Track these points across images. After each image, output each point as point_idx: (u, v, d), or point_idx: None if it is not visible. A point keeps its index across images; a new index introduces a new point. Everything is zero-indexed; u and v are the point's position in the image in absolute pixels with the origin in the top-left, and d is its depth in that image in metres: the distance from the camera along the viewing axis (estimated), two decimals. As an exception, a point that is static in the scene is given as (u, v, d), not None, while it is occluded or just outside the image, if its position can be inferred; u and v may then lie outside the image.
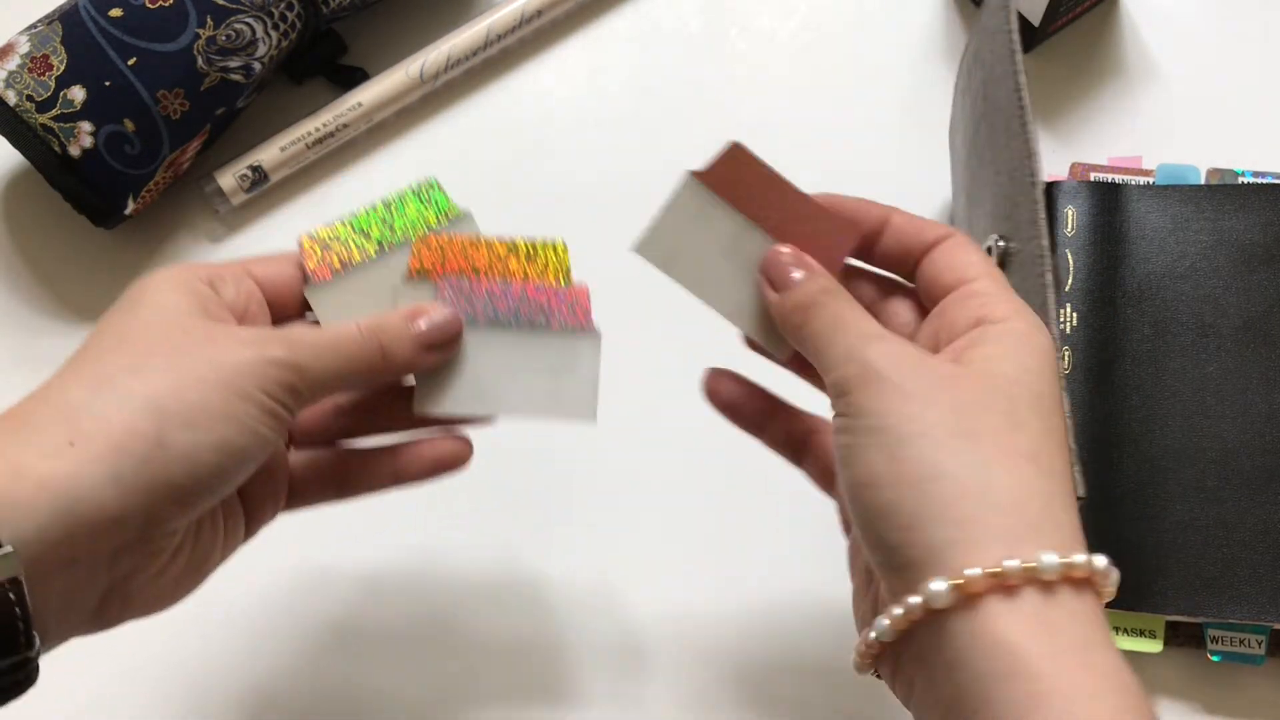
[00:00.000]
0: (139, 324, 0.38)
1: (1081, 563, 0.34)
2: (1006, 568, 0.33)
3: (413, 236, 0.44)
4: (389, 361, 0.41)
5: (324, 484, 0.44)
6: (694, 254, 0.42)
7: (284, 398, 0.37)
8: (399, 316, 0.42)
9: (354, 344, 0.40)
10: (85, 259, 0.60)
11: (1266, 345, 0.54)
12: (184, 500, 0.36)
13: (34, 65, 0.55)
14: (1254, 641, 0.52)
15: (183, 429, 0.35)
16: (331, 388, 0.40)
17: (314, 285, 0.43)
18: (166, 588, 0.38)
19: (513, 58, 0.65)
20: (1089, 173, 0.60)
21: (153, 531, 0.36)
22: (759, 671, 0.54)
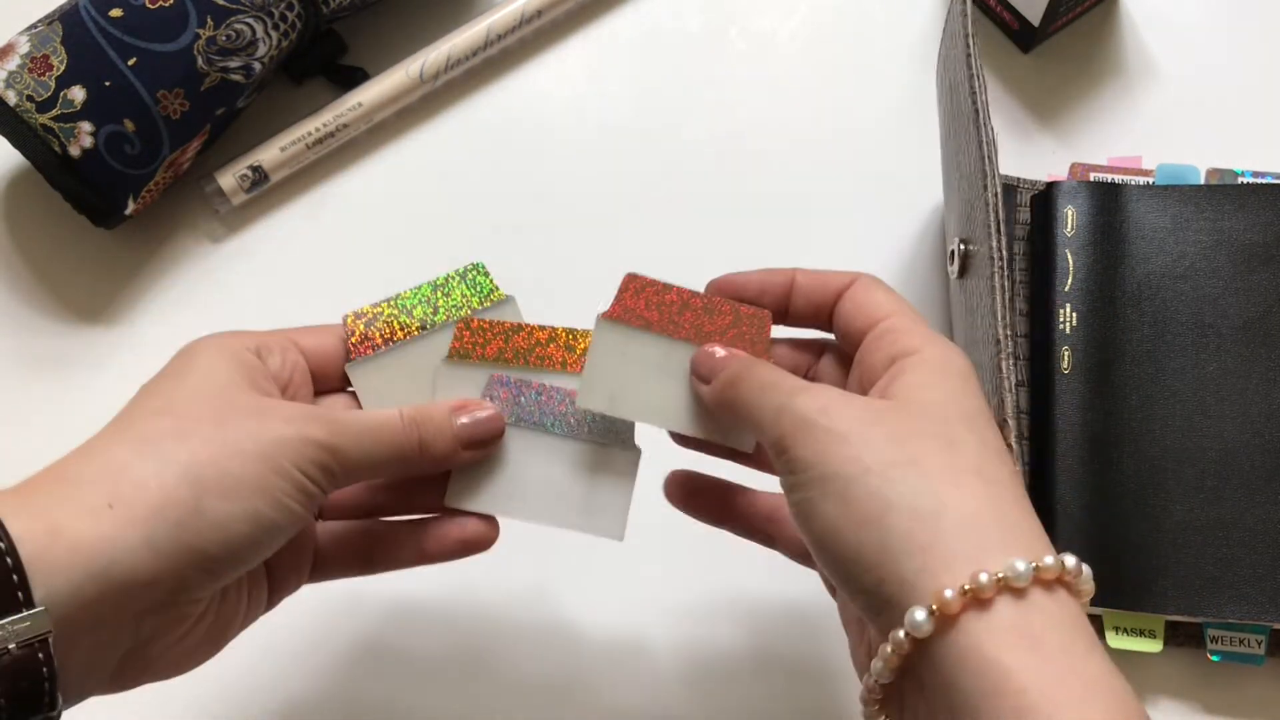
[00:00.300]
0: (186, 390, 0.38)
1: (1050, 564, 0.34)
2: (979, 582, 0.33)
3: (455, 316, 0.45)
4: (426, 453, 0.41)
5: (350, 558, 0.44)
6: (632, 386, 0.43)
7: (318, 477, 0.38)
8: (443, 409, 0.42)
9: (394, 432, 0.40)
10: (85, 259, 0.60)
11: (1266, 345, 0.54)
12: (214, 569, 0.36)
13: (34, 65, 0.55)
14: (1254, 641, 0.52)
15: (219, 499, 0.36)
16: (366, 473, 0.40)
17: (355, 362, 0.44)
18: (186, 653, 0.38)
19: (513, 58, 0.65)
20: (1089, 173, 0.60)
21: (180, 597, 0.36)
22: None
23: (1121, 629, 0.52)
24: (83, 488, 0.35)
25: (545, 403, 0.44)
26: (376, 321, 0.44)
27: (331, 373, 0.44)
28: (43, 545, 0.33)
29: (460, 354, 0.44)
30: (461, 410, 0.42)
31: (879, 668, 0.35)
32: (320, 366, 0.44)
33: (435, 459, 0.42)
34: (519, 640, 0.54)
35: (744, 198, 0.62)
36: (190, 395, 0.38)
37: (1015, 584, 0.33)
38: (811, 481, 0.36)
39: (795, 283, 0.43)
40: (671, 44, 0.65)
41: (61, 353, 0.59)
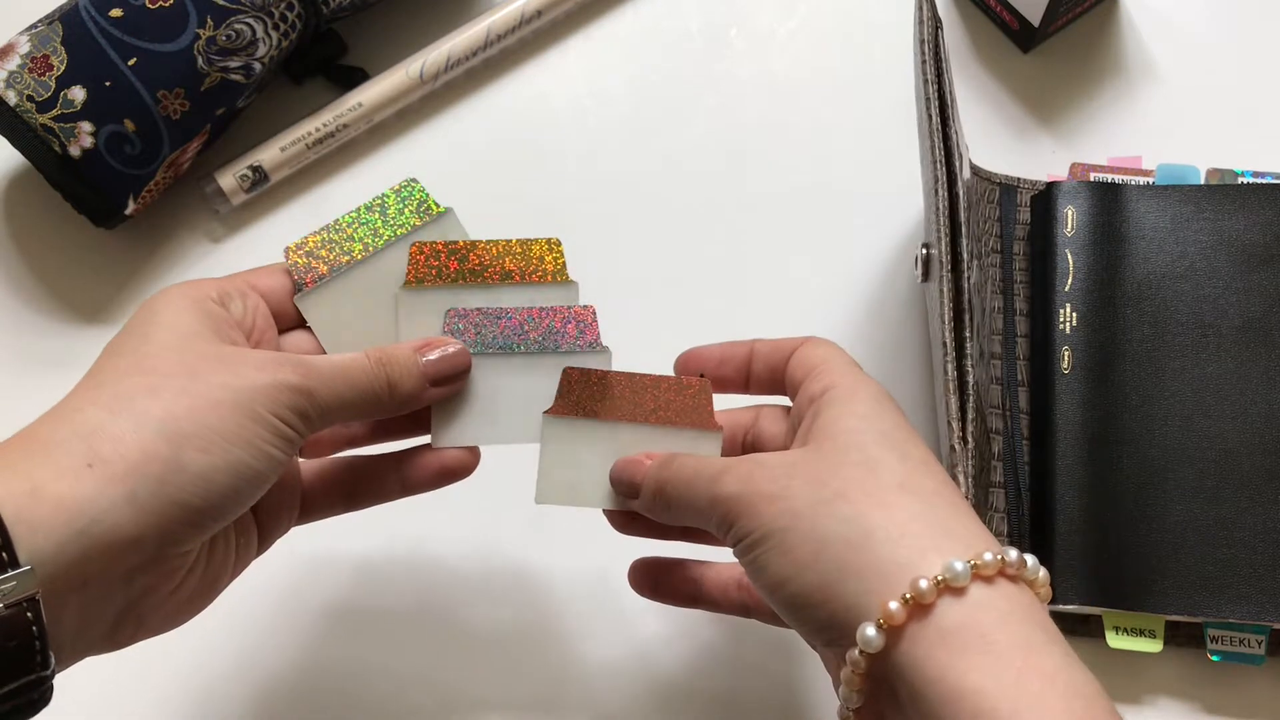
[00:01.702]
0: (154, 345, 0.38)
1: (990, 559, 0.34)
2: (920, 589, 0.34)
3: (396, 235, 0.45)
4: (395, 393, 0.41)
5: (334, 496, 0.45)
6: (587, 474, 0.44)
7: (295, 422, 0.38)
8: (407, 349, 0.42)
9: (363, 374, 0.41)
10: (85, 259, 0.60)
11: (1266, 345, 0.54)
12: (198, 521, 0.36)
13: (34, 65, 0.55)
14: (1254, 641, 0.52)
15: (199, 451, 0.36)
16: (340, 415, 0.40)
17: (304, 293, 0.44)
18: (180, 606, 0.39)
19: (513, 58, 0.65)
20: (1089, 173, 0.60)
21: (167, 552, 0.36)
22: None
23: (1121, 629, 0.52)
24: (59, 449, 0.35)
25: (509, 325, 0.44)
26: (319, 250, 0.44)
27: (290, 310, 0.44)
28: (24, 506, 0.33)
29: (418, 279, 0.44)
30: (427, 348, 0.43)
31: (845, 692, 0.36)
32: (279, 305, 0.44)
33: (404, 398, 0.42)
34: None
35: (743, 197, 0.62)
36: (159, 350, 0.38)
37: (955, 584, 0.34)
38: (755, 544, 0.37)
39: (755, 351, 0.45)
40: (671, 44, 0.65)
41: (61, 353, 0.59)
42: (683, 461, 0.41)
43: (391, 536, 0.53)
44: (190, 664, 0.53)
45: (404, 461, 0.44)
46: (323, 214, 0.62)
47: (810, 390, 0.41)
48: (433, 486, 0.45)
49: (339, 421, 0.41)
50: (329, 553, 0.55)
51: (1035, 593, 0.36)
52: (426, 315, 0.44)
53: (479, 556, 0.55)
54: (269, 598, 0.54)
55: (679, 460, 0.42)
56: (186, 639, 0.41)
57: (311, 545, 0.47)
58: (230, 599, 0.42)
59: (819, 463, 0.38)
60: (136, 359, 0.38)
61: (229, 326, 0.40)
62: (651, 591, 0.47)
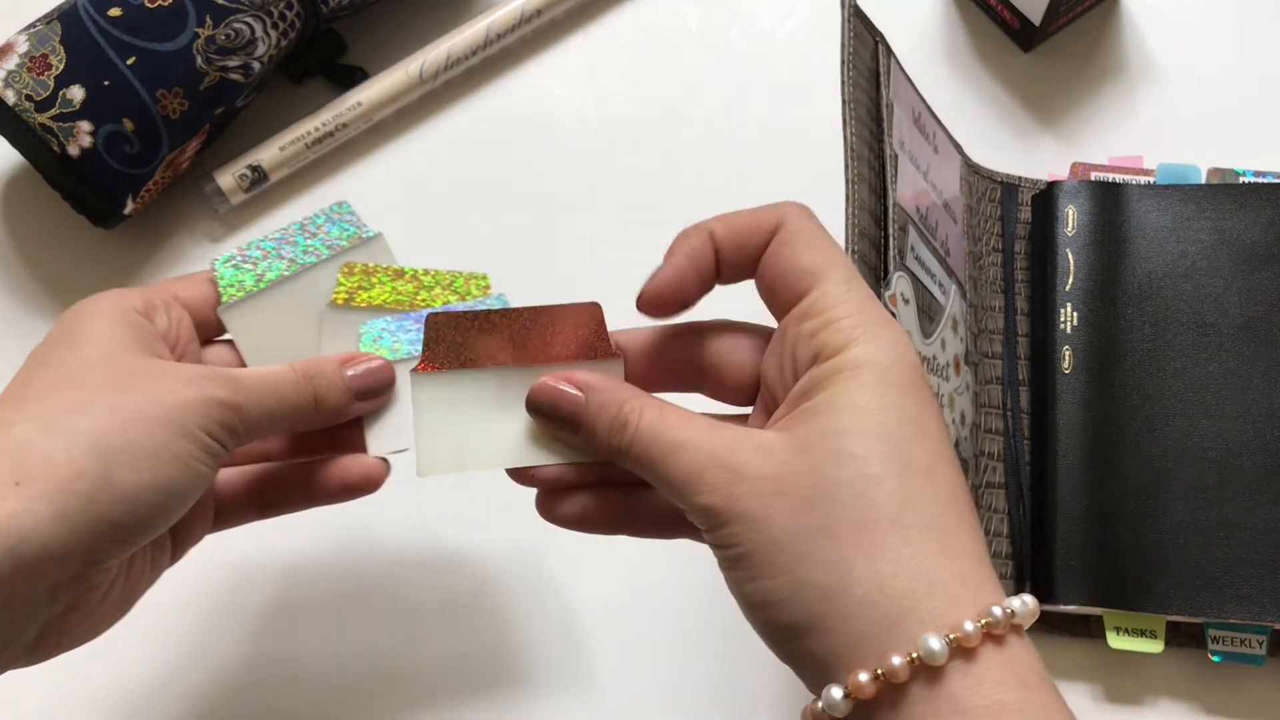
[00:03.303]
0: (81, 361, 0.37)
1: (971, 631, 0.32)
2: (891, 666, 0.31)
3: (325, 255, 0.45)
4: (321, 407, 0.41)
5: (245, 505, 0.44)
6: (475, 434, 0.40)
7: (223, 437, 0.38)
8: (333, 363, 0.42)
9: (290, 388, 0.40)
10: (85, 259, 0.60)
11: (1266, 345, 0.54)
12: (126, 538, 0.36)
13: (33, 65, 0.55)
14: (1254, 641, 0.51)
15: (128, 469, 0.35)
16: (266, 430, 0.40)
17: (228, 305, 0.44)
18: (101, 618, 0.38)
19: (513, 58, 0.65)
20: (1089, 172, 0.59)
21: (93, 569, 0.36)
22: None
23: (1122, 629, 0.52)
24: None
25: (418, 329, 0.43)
26: (245, 265, 0.44)
27: (212, 322, 0.43)
28: None
29: (345, 299, 0.44)
30: (351, 362, 0.42)
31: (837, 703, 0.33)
32: (201, 316, 0.43)
33: (330, 412, 0.41)
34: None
35: (743, 197, 0.62)
36: (86, 364, 0.37)
37: (932, 662, 0.31)
38: (732, 560, 0.34)
39: (717, 240, 0.39)
40: (671, 43, 0.65)
41: (60, 353, 0.59)
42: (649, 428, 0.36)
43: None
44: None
45: (312, 472, 0.43)
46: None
47: (811, 339, 0.36)
48: (341, 499, 0.43)
49: (264, 435, 0.41)
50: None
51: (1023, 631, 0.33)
52: (350, 335, 0.44)
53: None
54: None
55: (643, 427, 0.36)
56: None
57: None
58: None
59: (807, 476, 0.34)
60: (64, 373, 0.37)
61: (154, 339, 0.40)
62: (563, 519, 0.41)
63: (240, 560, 0.54)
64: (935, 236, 0.53)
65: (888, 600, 0.32)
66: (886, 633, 0.32)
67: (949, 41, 0.65)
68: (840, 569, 0.33)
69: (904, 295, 0.49)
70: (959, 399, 0.53)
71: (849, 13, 0.51)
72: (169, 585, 0.43)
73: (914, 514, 0.33)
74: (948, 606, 0.32)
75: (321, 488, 0.43)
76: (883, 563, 0.33)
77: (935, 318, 0.52)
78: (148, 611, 0.42)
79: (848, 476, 0.33)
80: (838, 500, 0.33)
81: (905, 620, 0.32)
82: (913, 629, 0.32)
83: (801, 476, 0.34)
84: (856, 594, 0.32)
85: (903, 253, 0.50)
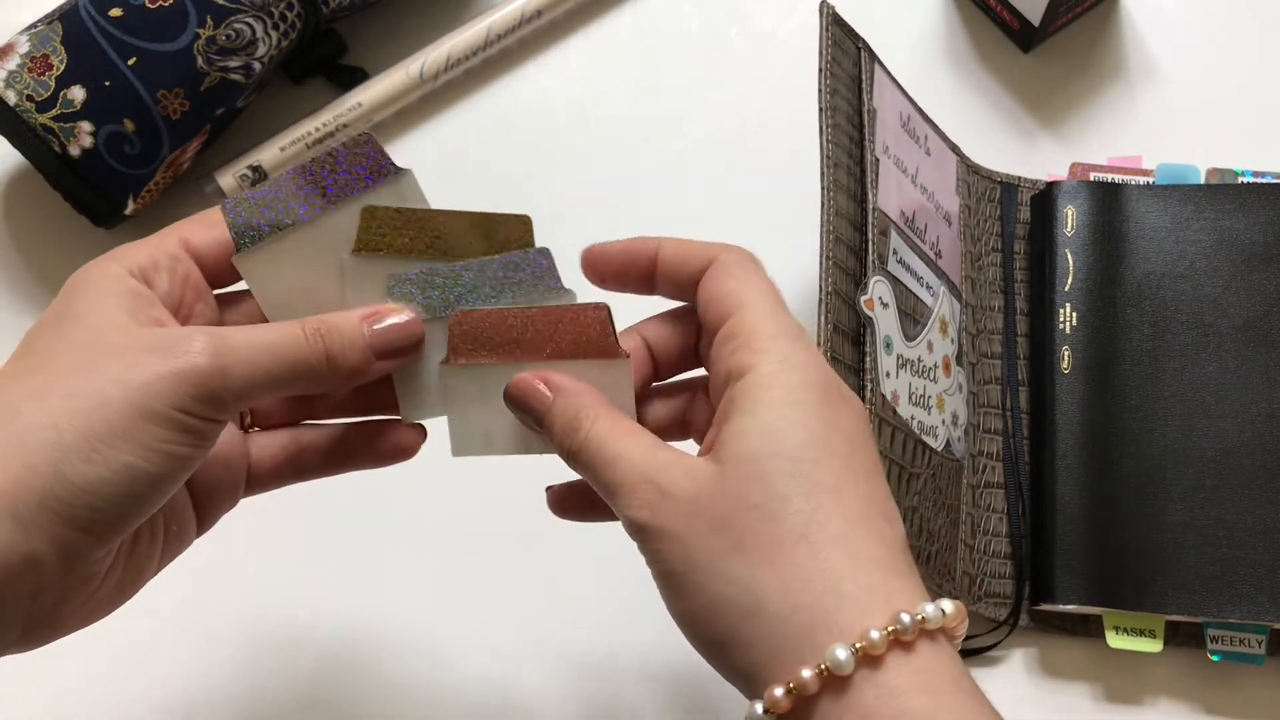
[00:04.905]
0: (63, 340, 0.35)
1: (877, 639, 0.32)
2: (802, 679, 0.32)
3: (347, 194, 0.41)
4: (335, 368, 0.37)
5: (280, 470, 0.42)
6: (502, 423, 0.41)
7: (204, 410, 0.35)
8: (351, 319, 0.38)
9: (294, 347, 0.37)
10: (86, 259, 0.59)
11: (1266, 345, 0.54)
12: (97, 531, 0.34)
13: (34, 65, 0.55)
14: (1254, 641, 0.52)
15: (82, 460, 0.33)
16: (266, 393, 0.37)
17: (245, 253, 0.40)
18: (101, 604, 0.37)
19: (513, 58, 0.65)
20: (1089, 172, 0.60)
21: (73, 565, 0.34)
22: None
23: (1121, 629, 0.52)
24: None
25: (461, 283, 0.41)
26: (259, 203, 0.40)
27: (228, 270, 0.40)
28: None
29: (368, 246, 0.40)
30: (374, 317, 0.39)
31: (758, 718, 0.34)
32: (215, 264, 0.39)
33: (347, 373, 0.38)
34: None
35: (743, 197, 0.62)
36: (64, 345, 0.35)
37: (840, 672, 0.32)
38: (659, 576, 0.36)
39: (660, 257, 0.40)
40: (671, 43, 0.65)
41: (61, 353, 0.59)
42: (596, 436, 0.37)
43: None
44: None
45: (347, 438, 0.42)
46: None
47: (727, 359, 0.37)
48: (376, 465, 0.42)
49: (268, 398, 0.38)
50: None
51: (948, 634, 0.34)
52: (376, 285, 0.40)
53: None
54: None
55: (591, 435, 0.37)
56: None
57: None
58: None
59: (722, 498, 0.34)
60: (41, 357, 0.35)
61: (150, 305, 0.37)
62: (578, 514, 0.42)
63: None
64: (924, 239, 0.54)
65: (798, 614, 0.33)
66: (798, 646, 0.33)
67: (949, 42, 0.65)
68: (752, 586, 0.33)
69: (882, 299, 0.49)
70: (949, 400, 0.53)
71: (827, 21, 0.51)
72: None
73: (820, 530, 0.34)
74: (856, 617, 0.33)
75: (357, 454, 0.42)
76: (791, 579, 0.33)
77: (921, 320, 0.52)
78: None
79: (757, 498, 0.34)
80: (748, 521, 0.34)
81: (815, 633, 0.33)
82: (821, 641, 0.33)
83: (717, 499, 0.35)
84: (769, 610, 0.33)
85: (883, 257, 0.50)
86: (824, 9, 0.51)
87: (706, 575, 0.34)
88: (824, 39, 0.50)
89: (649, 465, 0.36)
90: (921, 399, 0.51)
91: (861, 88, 0.52)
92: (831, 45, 0.51)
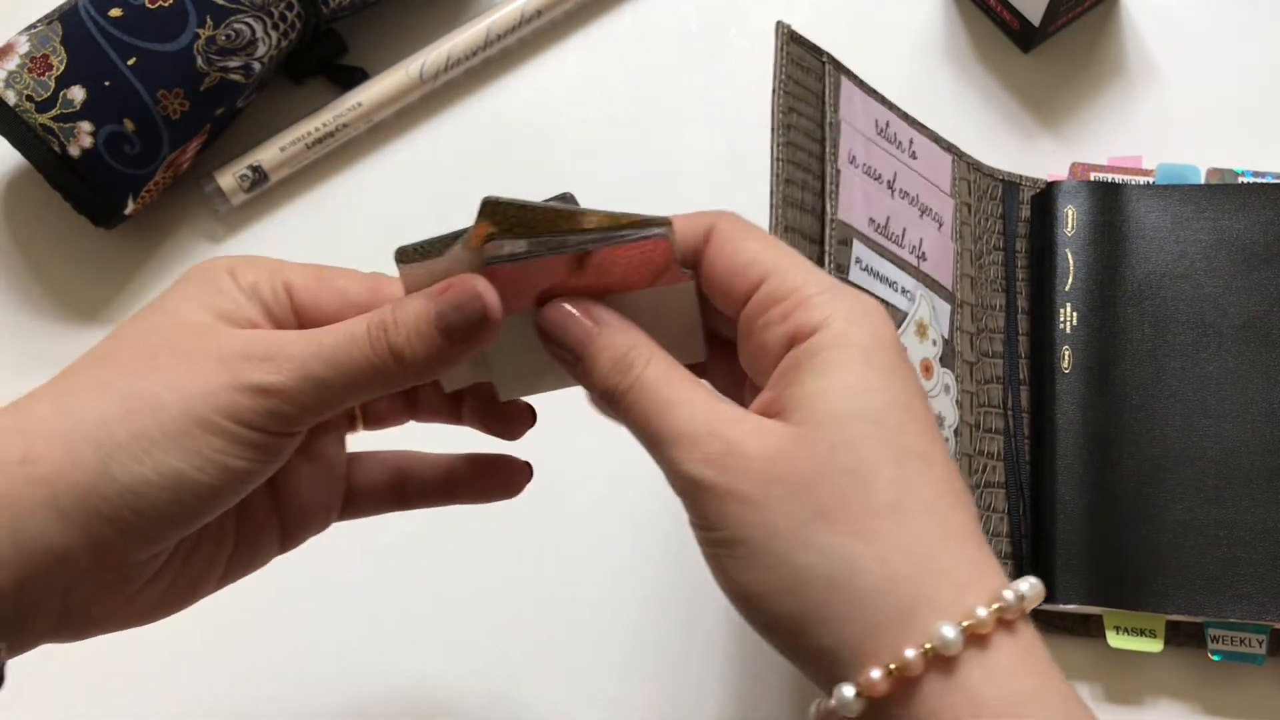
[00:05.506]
0: (138, 334, 0.34)
1: (984, 616, 0.30)
2: (905, 659, 0.30)
3: None
4: (406, 364, 0.34)
5: (382, 496, 0.41)
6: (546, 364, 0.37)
7: (267, 424, 0.33)
8: (417, 301, 0.34)
9: (355, 349, 0.33)
10: (85, 259, 0.60)
11: (1266, 345, 0.54)
12: (137, 534, 0.33)
13: (34, 65, 0.55)
14: (1254, 641, 0.52)
15: (132, 462, 0.32)
16: (336, 404, 0.34)
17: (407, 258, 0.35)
18: (144, 609, 0.36)
19: (513, 58, 0.65)
20: (1089, 172, 0.60)
21: (109, 563, 0.33)
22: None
23: (1122, 629, 0.52)
24: (2, 439, 0.32)
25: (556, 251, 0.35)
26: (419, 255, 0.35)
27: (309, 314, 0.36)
28: None
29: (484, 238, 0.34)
30: (440, 293, 0.34)
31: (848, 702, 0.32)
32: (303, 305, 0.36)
33: (418, 367, 0.34)
34: None
35: (743, 197, 0.62)
36: (139, 339, 0.34)
37: (947, 652, 0.30)
38: (721, 542, 0.32)
39: None
40: (671, 44, 0.65)
41: (61, 353, 0.58)
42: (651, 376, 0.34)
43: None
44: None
45: (454, 471, 0.41)
46: (323, 214, 0.62)
47: (781, 322, 0.34)
48: (479, 500, 0.41)
49: (342, 409, 0.35)
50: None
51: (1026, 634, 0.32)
52: None
53: None
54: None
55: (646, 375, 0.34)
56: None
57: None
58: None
59: (805, 461, 0.32)
60: (116, 346, 0.34)
61: (247, 309, 0.35)
62: None
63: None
64: (901, 243, 0.54)
65: (896, 588, 0.31)
66: (897, 623, 0.31)
67: (949, 41, 0.65)
68: (844, 556, 0.31)
69: None
70: (933, 402, 0.53)
71: (783, 40, 0.51)
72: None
73: (912, 498, 0.32)
74: (957, 593, 0.31)
75: (462, 489, 0.41)
76: (888, 550, 0.31)
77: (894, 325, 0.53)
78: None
79: (846, 463, 0.32)
80: (837, 487, 0.32)
81: (916, 609, 0.31)
82: (924, 618, 0.30)
83: (798, 461, 0.32)
84: (863, 584, 0.31)
85: (843, 267, 0.51)
86: (779, 28, 0.52)
87: (789, 544, 0.31)
88: (779, 58, 0.51)
89: (714, 417, 0.33)
90: None
91: (825, 102, 0.52)
92: (789, 64, 0.51)
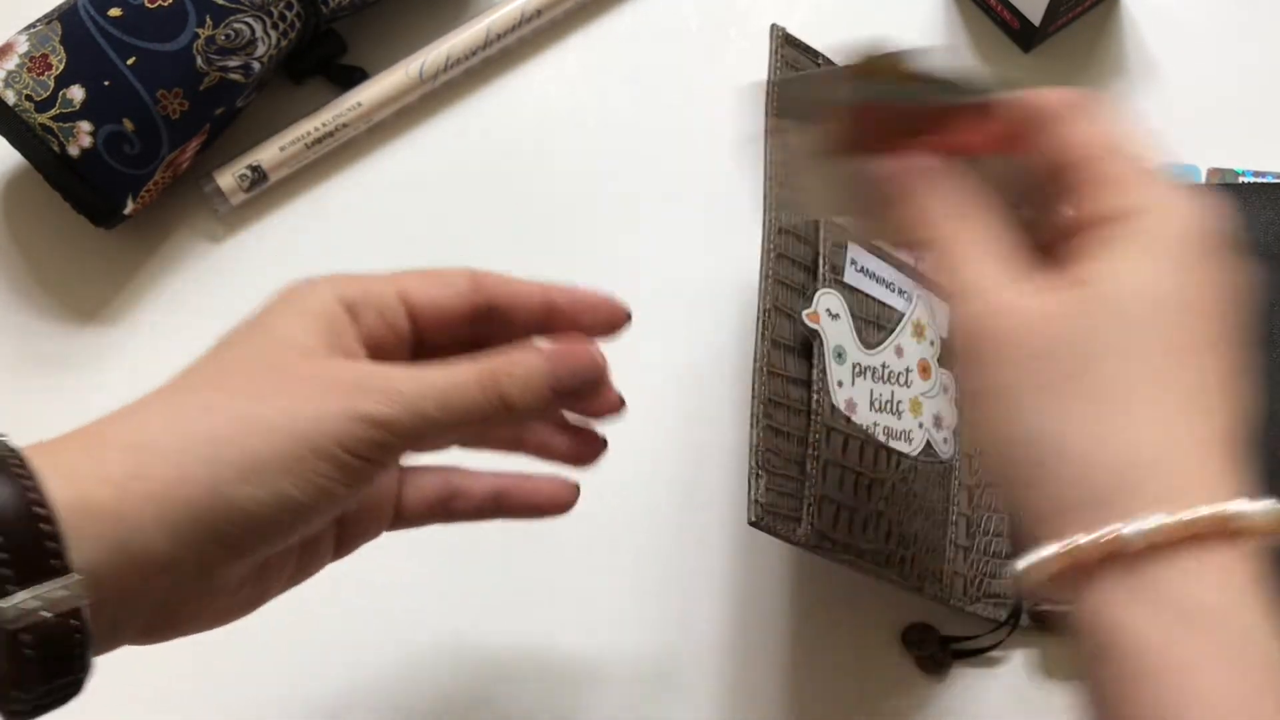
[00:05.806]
0: (245, 354, 0.36)
1: (1171, 523, 0.31)
2: (1078, 544, 0.32)
3: None
4: (513, 412, 0.36)
5: (431, 508, 0.42)
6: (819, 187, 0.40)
7: (370, 453, 0.35)
8: (536, 362, 0.37)
9: (463, 395, 0.36)
10: (85, 259, 0.60)
11: (1266, 345, 0.54)
12: (239, 550, 0.34)
13: (33, 65, 0.55)
14: (1254, 642, 0.51)
15: (239, 482, 0.33)
16: (440, 441, 0.37)
17: None
18: (220, 614, 0.37)
19: (512, 58, 0.65)
20: (1089, 173, 0.59)
21: (206, 575, 0.34)
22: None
23: (1122, 629, 0.52)
24: (111, 454, 0.33)
25: None
26: None
27: (442, 333, 0.39)
28: (75, 511, 0.31)
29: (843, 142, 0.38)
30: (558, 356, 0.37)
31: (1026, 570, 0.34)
32: (428, 325, 0.39)
33: (524, 415, 0.37)
34: None
35: (743, 197, 0.62)
36: (245, 360, 0.36)
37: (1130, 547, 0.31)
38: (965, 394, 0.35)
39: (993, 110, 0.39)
40: (671, 44, 0.65)
41: (60, 353, 0.59)
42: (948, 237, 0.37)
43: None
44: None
45: (505, 486, 0.42)
46: (323, 214, 0.62)
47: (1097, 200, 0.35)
48: (529, 517, 0.42)
49: (441, 446, 0.38)
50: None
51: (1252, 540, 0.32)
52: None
53: None
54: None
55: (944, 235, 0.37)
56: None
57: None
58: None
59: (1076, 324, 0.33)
60: (220, 367, 0.36)
61: (344, 335, 0.37)
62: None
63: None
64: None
65: (1088, 481, 0.32)
66: (1121, 497, 0.32)
67: (949, 41, 0.65)
68: (1090, 427, 0.33)
69: (830, 310, 0.50)
70: (928, 402, 0.53)
71: (777, 43, 0.51)
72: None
73: (1165, 392, 0.33)
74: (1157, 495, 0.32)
75: (511, 505, 0.42)
76: (1133, 429, 0.32)
77: (887, 326, 0.52)
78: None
79: (1112, 340, 0.33)
80: (1100, 364, 0.33)
81: (1142, 488, 0.32)
82: (1148, 502, 0.31)
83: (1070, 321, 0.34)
84: (1069, 459, 0.33)
85: (838, 269, 0.51)
86: (773, 31, 0.51)
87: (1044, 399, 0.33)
88: (773, 61, 0.51)
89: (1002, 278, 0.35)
90: (888, 404, 0.51)
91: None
92: (783, 67, 0.51)
